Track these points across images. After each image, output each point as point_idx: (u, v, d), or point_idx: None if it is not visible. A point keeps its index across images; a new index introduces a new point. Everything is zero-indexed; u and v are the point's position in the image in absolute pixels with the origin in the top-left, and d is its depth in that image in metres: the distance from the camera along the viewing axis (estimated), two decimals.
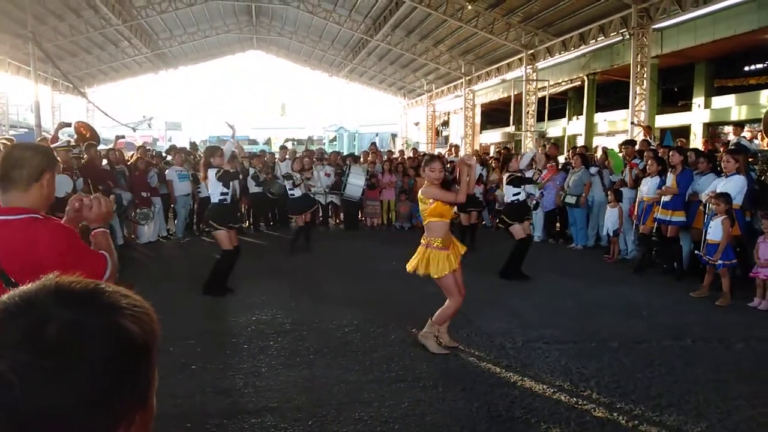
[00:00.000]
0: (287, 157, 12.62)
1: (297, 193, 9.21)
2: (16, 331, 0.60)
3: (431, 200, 4.52)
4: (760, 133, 10.38)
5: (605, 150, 11.19)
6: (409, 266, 4.69)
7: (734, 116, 16.91)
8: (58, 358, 0.59)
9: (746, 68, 18.11)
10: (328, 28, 22.69)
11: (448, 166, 7.27)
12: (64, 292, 0.65)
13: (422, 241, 4.68)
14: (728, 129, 15.38)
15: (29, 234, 1.87)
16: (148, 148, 12.86)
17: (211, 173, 6.31)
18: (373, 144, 16.74)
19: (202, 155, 12.44)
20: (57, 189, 7.29)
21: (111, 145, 11.17)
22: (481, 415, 3.53)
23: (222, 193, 6.43)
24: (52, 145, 8.09)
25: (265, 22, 24.51)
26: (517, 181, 7.34)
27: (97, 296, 0.66)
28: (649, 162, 7.86)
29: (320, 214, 12.78)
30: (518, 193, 7.31)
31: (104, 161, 9.57)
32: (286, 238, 9.86)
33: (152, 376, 0.69)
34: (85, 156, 8.51)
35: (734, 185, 6.49)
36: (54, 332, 0.60)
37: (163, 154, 12.90)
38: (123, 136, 13.68)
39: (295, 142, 27.86)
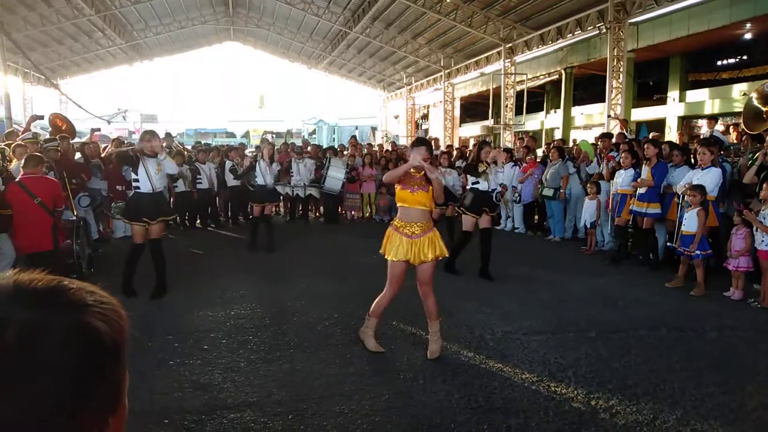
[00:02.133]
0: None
1: (262, 182, 8.75)
2: None
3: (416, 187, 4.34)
4: (732, 126, 10.59)
5: (575, 143, 11.34)
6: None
7: (707, 110, 17.24)
8: (17, 365, 0.54)
9: (719, 63, 18.45)
10: (306, 20, 22.51)
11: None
12: (23, 291, 0.60)
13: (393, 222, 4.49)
14: (702, 122, 15.68)
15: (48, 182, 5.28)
16: (123, 140, 12.61)
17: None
18: (353, 137, 16.66)
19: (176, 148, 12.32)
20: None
21: (86, 138, 10.95)
22: (461, 406, 3.55)
23: (134, 180, 6.03)
24: (18, 137, 7.90)
25: (242, 13, 24.21)
26: (470, 169, 7.02)
27: (60, 293, 0.61)
28: (624, 155, 7.97)
29: (299, 208, 12.72)
30: (476, 182, 6.90)
31: (78, 154, 9.37)
32: (262, 233, 9.76)
33: (123, 376, 0.64)
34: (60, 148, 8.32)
35: (711, 178, 6.61)
36: (12, 336, 0.55)
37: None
38: (98, 129, 13.39)
39: (274, 135, 27.61)
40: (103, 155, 9.43)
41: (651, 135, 11.43)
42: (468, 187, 7.19)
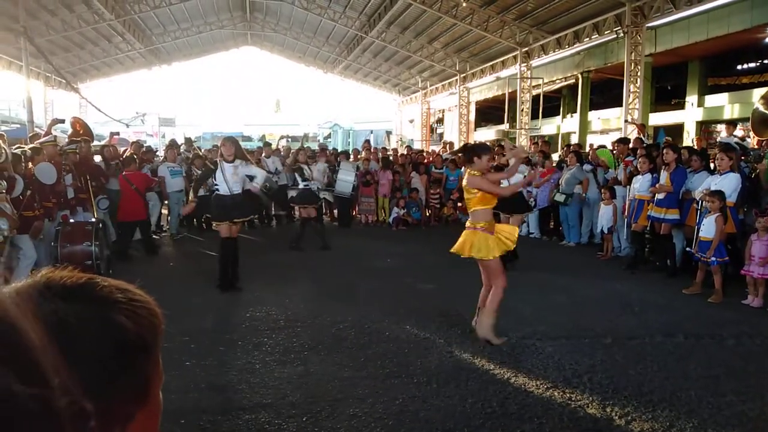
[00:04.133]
0: (281, 152, 12.62)
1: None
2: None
3: (475, 190, 4.65)
4: (750, 131, 10.44)
5: (593, 148, 11.24)
6: (455, 248, 4.81)
7: (727, 114, 17.01)
8: (42, 356, 0.55)
9: (739, 67, 18.21)
10: (322, 25, 22.64)
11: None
12: (53, 287, 0.61)
13: (468, 224, 4.80)
14: (720, 127, 15.47)
15: (141, 176, 8.86)
16: (142, 144, 12.78)
17: None
18: (367, 141, 16.71)
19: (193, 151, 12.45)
20: (42, 177, 7.19)
21: (105, 141, 11.12)
22: (475, 411, 3.54)
23: (214, 184, 6.89)
24: (39, 141, 8.05)
25: (259, 18, 24.43)
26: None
27: (88, 289, 0.63)
28: (641, 160, 7.90)
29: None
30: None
31: (98, 157, 9.52)
32: (279, 235, 9.84)
33: (152, 372, 0.66)
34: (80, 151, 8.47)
35: (729, 183, 6.54)
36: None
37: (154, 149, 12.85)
38: (117, 133, 13.59)
39: (290, 139, 27.80)
40: (122, 158, 9.57)
41: (665, 140, 11.31)
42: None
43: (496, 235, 4.73)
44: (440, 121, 32.11)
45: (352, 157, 13.48)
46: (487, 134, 29.39)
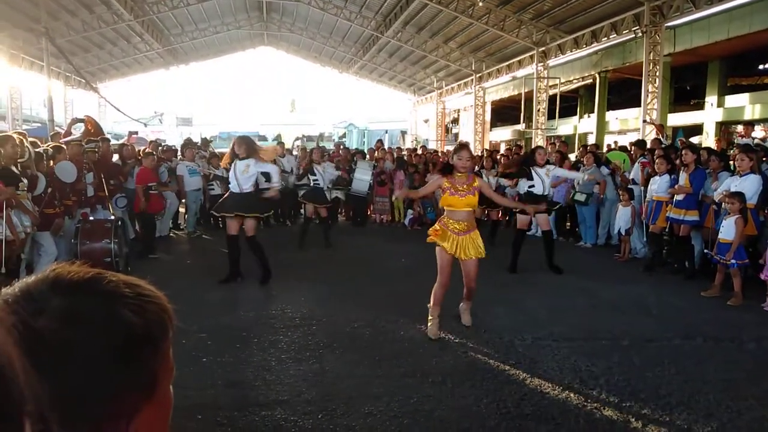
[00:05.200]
0: (295, 153, 12.67)
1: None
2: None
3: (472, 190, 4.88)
4: None
5: (610, 148, 11.12)
6: (457, 253, 4.93)
7: (747, 115, 16.75)
8: (48, 350, 0.57)
9: (761, 67, 17.92)
10: (338, 25, 22.70)
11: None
12: (60, 282, 0.63)
13: (461, 227, 4.92)
14: (740, 128, 15.25)
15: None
16: (160, 143, 12.91)
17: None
18: (380, 140, 16.70)
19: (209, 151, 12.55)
20: (62, 175, 7.33)
21: (123, 140, 11.25)
22: (490, 412, 3.54)
23: (228, 181, 6.98)
24: (63, 139, 8.18)
25: (275, 18, 24.58)
26: (522, 173, 7.54)
27: (94, 284, 0.64)
28: (659, 161, 7.81)
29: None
30: (532, 186, 7.44)
31: (116, 156, 9.64)
32: (293, 234, 9.88)
33: (161, 367, 0.66)
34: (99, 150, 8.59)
35: (750, 184, 6.44)
36: (46, 323, 0.58)
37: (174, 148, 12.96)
38: (136, 132, 13.76)
39: (305, 138, 27.90)
40: (140, 157, 9.67)
41: (679, 140, 11.17)
42: (524, 191, 7.62)
43: (467, 238, 4.94)
44: (455, 121, 32.02)
45: (368, 156, 13.51)
46: (502, 134, 29.26)
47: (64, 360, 0.58)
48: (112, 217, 7.47)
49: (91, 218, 7.47)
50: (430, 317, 4.96)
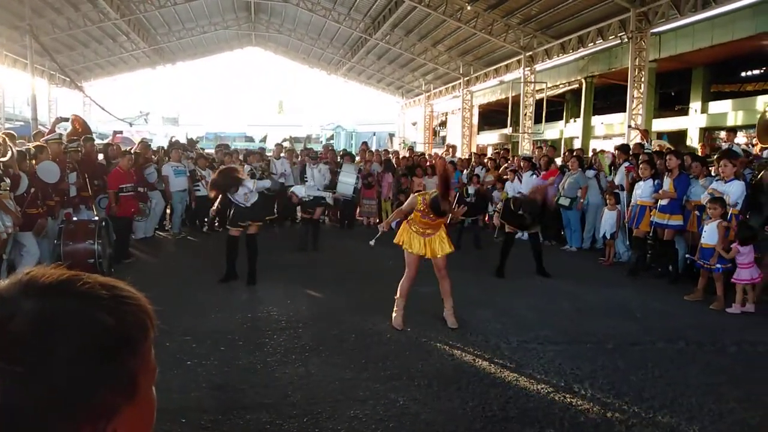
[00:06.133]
0: (282, 155, 12.64)
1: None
2: None
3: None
4: (755, 138, 10.43)
5: (595, 152, 11.21)
6: (429, 254, 5.19)
7: (730, 121, 17.00)
8: (21, 353, 0.57)
9: (743, 74, 18.20)
10: (327, 26, 22.67)
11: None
12: (34, 284, 0.62)
13: (426, 231, 5.16)
14: (723, 134, 15.48)
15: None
16: (148, 142, 12.79)
17: None
18: (365, 143, 16.70)
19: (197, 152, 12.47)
20: (45, 175, 7.23)
21: (108, 140, 11.13)
22: (475, 415, 3.54)
23: None
24: (43, 138, 8.06)
25: (263, 19, 24.47)
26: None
27: (68, 286, 0.63)
28: (642, 166, 7.90)
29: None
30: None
31: (101, 156, 9.53)
32: (281, 236, 9.85)
33: (140, 368, 0.65)
34: (83, 150, 8.49)
35: (734, 190, 6.53)
36: (18, 326, 0.58)
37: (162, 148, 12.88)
38: (121, 132, 13.60)
39: (293, 140, 27.80)
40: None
41: (657, 145, 11.26)
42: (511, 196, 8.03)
43: (435, 238, 5.24)
44: (443, 124, 32.12)
45: (358, 158, 13.52)
46: (490, 138, 29.40)
47: (38, 362, 0.57)
48: (96, 218, 7.38)
49: (75, 219, 7.38)
50: (395, 308, 5.22)
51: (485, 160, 13.75)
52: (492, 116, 29.04)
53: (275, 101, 55.52)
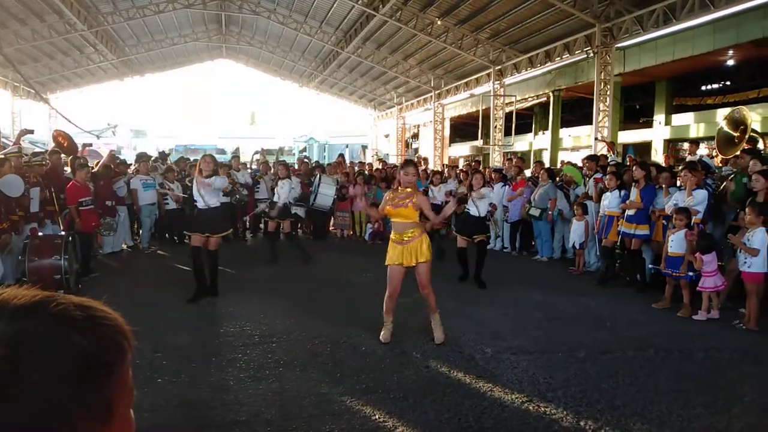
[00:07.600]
0: (254, 166, 12.55)
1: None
2: None
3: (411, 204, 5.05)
4: (714, 150, 10.78)
5: (563, 164, 11.43)
6: (406, 262, 5.09)
7: (693, 133, 17.54)
8: None
9: (703, 87, 18.83)
10: (298, 39, 22.69)
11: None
12: (6, 306, 0.61)
13: (406, 237, 5.09)
14: (687, 146, 15.92)
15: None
16: (116, 155, 12.55)
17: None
18: (341, 155, 16.73)
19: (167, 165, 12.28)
20: (7, 189, 7.03)
21: (77, 153, 10.87)
22: (451, 426, 3.55)
23: (194, 199, 7.05)
24: (3, 152, 7.84)
25: (234, 32, 24.37)
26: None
27: (41, 307, 0.62)
28: (609, 177, 8.10)
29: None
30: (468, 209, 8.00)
31: (68, 169, 9.32)
32: (253, 249, 9.76)
33: (116, 390, 0.64)
34: (48, 163, 8.29)
35: (701, 199, 6.74)
36: None
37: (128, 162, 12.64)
38: (90, 144, 13.32)
39: (265, 152, 27.60)
40: (94, 170, 9.35)
41: (628, 157, 11.55)
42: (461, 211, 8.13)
43: (414, 244, 5.14)
44: (415, 136, 32.36)
45: (338, 170, 13.53)
46: (461, 150, 29.72)
47: (11, 386, 0.56)
48: (63, 233, 7.20)
49: (41, 234, 7.18)
50: (385, 323, 5.23)
51: (458, 172, 13.90)
52: (463, 128, 29.39)
53: (247, 113, 55.22)
